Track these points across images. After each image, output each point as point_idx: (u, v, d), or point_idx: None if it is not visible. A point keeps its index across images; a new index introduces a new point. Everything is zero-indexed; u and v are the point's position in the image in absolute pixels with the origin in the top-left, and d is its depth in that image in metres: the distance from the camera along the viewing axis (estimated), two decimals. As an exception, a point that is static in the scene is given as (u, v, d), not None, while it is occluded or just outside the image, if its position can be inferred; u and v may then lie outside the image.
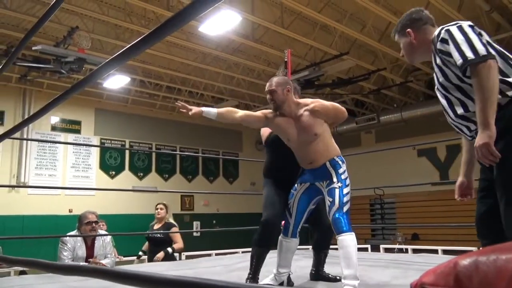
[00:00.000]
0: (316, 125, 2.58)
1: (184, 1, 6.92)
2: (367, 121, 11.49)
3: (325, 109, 2.57)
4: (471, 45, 1.63)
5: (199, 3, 0.60)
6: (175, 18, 0.63)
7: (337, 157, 2.64)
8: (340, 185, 2.52)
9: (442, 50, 1.74)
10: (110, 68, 0.80)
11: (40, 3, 7.13)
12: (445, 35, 1.73)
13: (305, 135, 2.59)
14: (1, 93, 9.43)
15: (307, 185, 2.67)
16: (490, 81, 1.57)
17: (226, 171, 13.66)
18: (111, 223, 6.98)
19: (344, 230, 2.42)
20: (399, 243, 9.81)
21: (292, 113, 2.60)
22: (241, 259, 4.14)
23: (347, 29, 7.42)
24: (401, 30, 1.99)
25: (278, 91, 2.57)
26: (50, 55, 7.65)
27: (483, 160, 1.60)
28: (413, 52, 1.98)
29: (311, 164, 2.62)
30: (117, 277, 0.60)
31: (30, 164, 9.80)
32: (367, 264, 3.49)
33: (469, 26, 1.71)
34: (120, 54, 0.74)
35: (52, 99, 1.04)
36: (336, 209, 2.46)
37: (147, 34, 0.68)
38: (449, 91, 1.78)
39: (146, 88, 10.82)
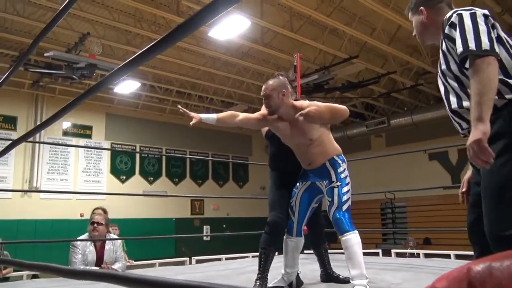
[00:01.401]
0: (311, 130, 2.55)
1: (193, 7, 6.97)
2: (377, 124, 11.43)
3: (320, 113, 2.48)
4: (477, 35, 1.52)
5: (209, 10, 0.60)
6: (185, 24, 0.64)
7: (337, 156, 2.61)
8: (338, 184, 2.50)
9: (448, 36, 1.64)
10: (121, 74, 0.81)
11: (51, 10, 7.22)
12: (455, 19, 1.62)
13: (300, 139, 2.59)
14: (14, 99, 9.57)
15: (308, 184, 2.68)
16: (487, 76, 1.47)
17: (236, 175, 13.67)
18: (122, 227, 7.02)
19: (347, 230, 2.40)
20: (411, 247, 9.70)
21: (288, 117, 2.59)
22: (251, 263, 4.14)
23: (356, 33, 7.41)
24: (414, 7, 1.88)
25: (273, 96, 2.54)
26: (62, 61, 7.75)
27: (475, 160, 1.46)
28: (424, 32, 1.87)
29: (310, 165, 2.63)
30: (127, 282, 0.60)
31: (42, 169, 9.92)
32: (378, 268, 3.46)
33: (483, 15, 1.58)
34: (131, 60, 0.75)
35: (64, 104, 1.06)
36: (336, 209, 2.45)
37: (158, 40, 0.69)
38: (447, 80, 1.70)
39: (156, 93, 10.90)
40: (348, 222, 2.42)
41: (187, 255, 6.94)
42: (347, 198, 2.49)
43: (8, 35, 7.67)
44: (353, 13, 7.46)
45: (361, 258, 2.37)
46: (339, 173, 2.54)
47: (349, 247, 2.37)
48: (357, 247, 2.37)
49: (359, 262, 2.35)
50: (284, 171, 2.88)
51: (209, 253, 7.43)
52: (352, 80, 9.59)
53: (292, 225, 2.70)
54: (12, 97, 9.46)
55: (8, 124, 9.70)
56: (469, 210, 1.75)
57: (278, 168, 2.94)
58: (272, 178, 2.94)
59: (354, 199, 2.58)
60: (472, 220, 1.71)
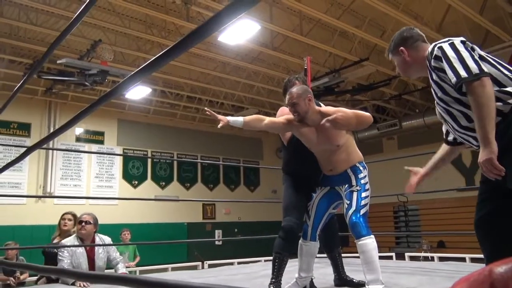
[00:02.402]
0: (338, 136, 2.55)
1: (203, 12, 7.02)
2: (388, 127, 11.35)
3: (347, 119, 2.48)
4: (464, 63, 1.66)
5: (222, 15, 0.61)
6: (198, 31, 0.64)
7: (358, 163, 2.62)
8: (358, 188, 2.51)
9: (436, 67, 1.78)
10: (135, 80, 0.81)
11: (64, 18, 7.33)
12: (438, 53, 1.77)
13: (327, 145, 2.58)
14: (27, 106, 9.71)
15: (327, 189, 2.68)
16: (485, 98, 1.59)
17: (247, 179, 13.68)
18: (134, 232, 7.07)
19: (363, 234, 2.39)
20: (425, 251, 9.59)
21: (314, 123, 2.57)
22: (263, 267, 4.13)
23: (366, 35, 7.38)
24: (394, 49, 2.03)
25: (300, 103, 2.53)
26: (74, 68, 7.85)
27: (489, 174, 1.62)
28: (408, 69, 2.03)
29: (331, 171, 2.63)
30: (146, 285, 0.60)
31: (56, 175, 10.03)
32: (392, 272, 3.42)
33: (461, 42, 1.75)
34: (145, 67, 0.76)
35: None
36: (353, 212, 2.44)
37: (172, 46, 0.69)
38: (449, 105, 1.80)
39: (167, 98, 10.98)
40: (364, 226, 2.41)
41: (200, 260, 6.94)
42: (365, 203, 2.49)
43: (22, 43, 7.80)
44: (363, 15, 7.44)
45: (377, 263, 2.36)
46: (360, 179, 2.55)
47: (366, 252, 2.36)
48: (374, 252, 2.36)
49: (375, 267, 2.34)
50: (300, 175, 2.86)
51: (221, 257, 7.43)
52: (363, 83, 9.54)
53: (307, 229, 2.69)
54: (26, 104, 9.60)
55: (22, 131, 9.84)
56: (477, 207, 1.80)
57: (293, 172, 2.91)
58: (287, 182, 2.91)
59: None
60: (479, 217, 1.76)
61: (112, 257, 3.79)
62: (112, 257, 3.80)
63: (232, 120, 2.53)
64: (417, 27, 7.28)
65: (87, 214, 3.83)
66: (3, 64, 8.63)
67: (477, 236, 1.78)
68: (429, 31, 7.00)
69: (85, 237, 3.73)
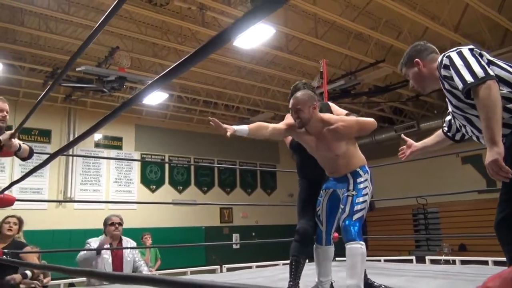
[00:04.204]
0: (338, 146, 2.53)
1: (218, 17, 7.07)
2: (406, 128, 11.22)
3: (348, 129, 2.47)
4: (470, 68, 1.70)
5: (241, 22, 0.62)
6: (218, 37, 0.66)
7: (359, 168, 2.57)
8: (354, 193, 2.47)
9: (446, 76, 1.82)
10: (156, 86, 0.83)
11: (82, 26, 7.48)
12: (446, 61, 1.81)
13: (326, 153, 2.57)
14: (48, 113, 9.90)
15: (330, 191, 2.66)
16: (491, 100, 1.62)
17: (264, 182, 13.67)
18: (153, 236, 7.13)
19: (351, 239, 2.35)
20: (446, 254, 9.43)
21: (315, 130, 2.56)
22: (282, 270, 4.12)
23: (382, 37, 7.33)
24: (408, 61, 2.06)
25: (304, 110, 2.51)
26: (93, 75, 8.00)
27: (495, 176, 1.64)
28: (423, 81, 2.04)
29: (333, 174, 2.62)
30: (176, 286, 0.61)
31: (76, 180, 10.21)
32: (413, 275, 3.38)
33: (469, 50, 1.78)
34: (167, 73, 0.77)
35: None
36: (346, 217, 2.41)
37: (192, 53, 0.71)
38: (465, 111, 1.84)
39: (183, 103, 11.07)
40: (356, 232, 2.37)
41: (218, 263, 6.97)
42: (361, 208, 2.43)
43: (42, 51, 7.98)
44: (379, 17, 7.39)
45: (360, 270, 2.33)
46: (358, 183, 2.50)
47: (352, 256, 2.32)
48: (360, 258, 2.32)
49: (358, 273, 2.31)
50: (313, 179, 2.87)
51: (239, 261, 7.43)
52: (379, 85, 9.47)
53: (321, 234, 2.68)
54: (46, 111, 9.79)
55: (43, 137, 10.05)
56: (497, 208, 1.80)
57: (307, 176, 2.95)
58: (301, 186, 2.95)
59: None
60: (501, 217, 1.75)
61: (135, 260, 3.85)
62: (135, 260, 3.86)
63: (237, 129, 2.53)
64: (434, 27, 7.17)
65: (115, 216, 3.89)
66: (24, 73, 8.84)
67: (498, 238, 1.77)
68: (446, 31, 6.92)
69: (116, 238, 3.78)
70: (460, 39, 7.04)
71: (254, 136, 2.59)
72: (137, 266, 3.86)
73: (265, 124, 2.67)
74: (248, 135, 2.56)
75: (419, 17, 6.55)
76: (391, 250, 10.83)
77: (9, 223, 3.64)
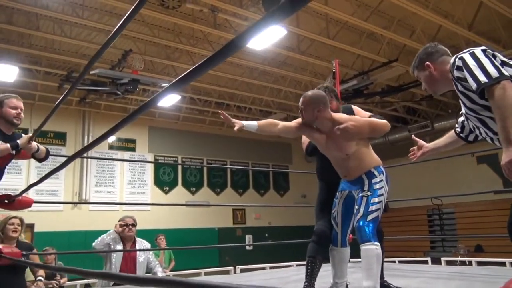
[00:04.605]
0: (348, 146, 2.49)
1: (230, 19, 7.10)
2: (420, 128, 11.10)
3: (359, 128, 2.45)
4: (483, 69, 1.69)
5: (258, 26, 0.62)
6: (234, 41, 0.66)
7: (374, 168, 2.52)
8: (369, 194, 2.43)
9: (459, 77, 1.81)
10: (173, 89, 0.84)
11: (96, 30, 7.58)
12: (459, 63, 1.80)
13: (337, 153, 2.54)
14: (63, 116, 10.04)
15: (346, 193, 2.63)
16: (506, 100, 1.62)
17: (276, 184, 13.66)
18: (166, 237, 7.17)
19: (366, 240, 2.31)
20: (462, 255, 9.30)
21: (325, 129, 2.54)
22: (296, 272, 4.12)
23: (395, 36, 7.28)
24: (419, 64, 2.05)
25: (307, 111, 2.50)
26: (107, 77, 8.10)
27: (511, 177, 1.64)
28: (435, 84, 2.02)
29: (346, 177, 2.59)
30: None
31: (91, 182, 10.33)
32: (429, 276, 3.35)
33: (482, 50, 1.77)
34: (183, 77, 0.78)
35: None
36: (360, 217, 2.37)
37: (209, 57, 0.72)
38: (479, 113, 1.83)
39: (196, 105, 11.13)
40: (371, 233, 2.33)
41: (231, 264, 6.98)
42: (376, 209, 2.39)
43: (57, 55, 8.09)
44: (391, 16, 7.34)
45: (376, 271, 2.29)
46: (373, 184, 2.46)
47: (367, 257, 2.29)
48: (375, 259, 2.28)
49: (374, 274, 2.28)
50: (331, 181, 2.86)
51: (252, 262, 7.43)
52: (392, 84, 9.39)
53: (336, 236, 2.65)
54: (62, 114, 9.93)
55: (58, 140, 10.19)
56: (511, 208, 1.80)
57: (325, 178, 2.95)
58: (319, 188, 2.96)
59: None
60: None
61: (149, 261, 3.87)
62: (150, 260, 3.88)
63: (246, 124, 2.54)
64: (448, 25, 7.06)
65: (129, 217, 3.92)
66: (40, 76, 8.98)
67: (511, 239, 1.77)
68: (460, 30, 6.84)
69: (129, 239, 3.81)
70: (474, 37, 6.95)
71: (263, 132, 2.59)
72: (152, 267, 3.88)
73: (275, 121, 2.66)
74: (257, 131, 2.56)
75: (432, 15, 6.49)
76: (406, 251, 10.71)
77: (13, 224, 3.52)
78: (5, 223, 3.45)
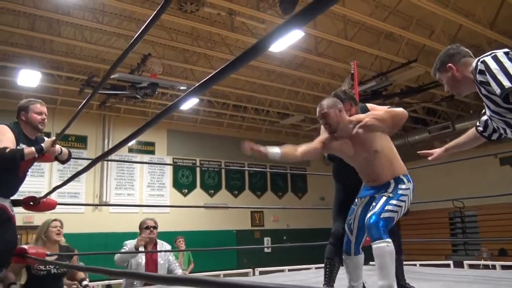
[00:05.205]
0: (374, 140, 2.44)
1: (247, 22, 7.13)
2: (441, 129, 10.92)
3: (380, 120, 2.41)
4: (507, 73, 1.66)
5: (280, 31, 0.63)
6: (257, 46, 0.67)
7: (403, 175, 2.46)
8: (390, 195, 2.35)
9: (482, 81, 1.78)
10: (194, 94, 0.85)
11: (115, 35, 7.71)
12: (481, 67, 1.77)
13: (364, 153, 2.47)
14: (84, 120, 10.23)
15: (367, 200, 2.54)
16: None
17: (294, 186, 13.62)
18: (185, 239, 7.22)
19: (377, 237, 2.23)
20: (485, 259, 9.11)
21: (347, 133, 2.50)
22: (315, 274, 4.10)
23: (414, 36, 7.19)
24: (441, 66, 2.02)
25: (331, 114, 2.47)
26: (126, 81, 8.22)
27: None
28: (457, 85, 2.00)
29: (374, 181, 2.49)
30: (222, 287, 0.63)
31: (111, 185, 10.49)
32: (451, 280, 3.29)
33: (504, 53, 1.74)
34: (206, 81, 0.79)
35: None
36: (373, 213, 2.29)
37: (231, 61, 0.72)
38: (504, 116, 1.82)
39: (213, 107, 11.20)
40: (382, 230, 2.25)
41: (250, 267, 6.99)
42: (392, 210, 2.31)
43: (78, 60, 8.26)
44: (410, 16, 7.25)
45: (391, 270, 2.23)
46: (398, 189, 2.39)
47: (380, 257, 2.22)
48: (389, 257, 2.22)
49: (389, 273, 2.21)
50: (349, 184, 2.85)
51: (270, 264, 7.42)
52: (412, 85, 9.28)
53: (349, 244, 2.56)
54: (82, 118, 10.12)
55: (79, 143, 10.38)
56: None
57: (342, 180, 2.94)
58: (336, 190, 2.95)
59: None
60: None
61: (170, 262, 3.91)
62: (170, 262, 3.92)
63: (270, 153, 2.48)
64: (468, 25, 6.95)
65: (150, 219, 3.96)
66: (61, 81, 9.18)
67: None
68: (482, 29, 6.71)
69: (150, 242, 3.85)
70: (496, 36, 6.82)
71: (285, 159, 2.54)
72: (172, 269, 3.92)
73: (295, 147, 2.61)
74: (280, 159, 2.52)
75: (452, 14, 6.39)
76: (427, 254, 10.54)
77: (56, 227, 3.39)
78: (48, 226, 3.35)
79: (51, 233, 3.30)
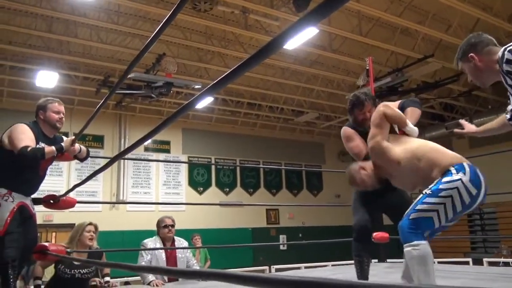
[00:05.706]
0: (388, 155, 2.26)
1: (261, 19, 7.12)
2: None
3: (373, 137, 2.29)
4: None
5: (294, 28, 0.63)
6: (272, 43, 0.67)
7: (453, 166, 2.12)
8: (428, 191, 2.09)
9: (509, 71, 1.73)
10: (209, 93, 0.86)
11: (130, 35, 7.78)
12: (509, 56, 1.71)
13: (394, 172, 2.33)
14: (100, 119, 10.35)
15: None
16: None
17: (309, 183, 13.58)
18: (203, 237, 7.27)
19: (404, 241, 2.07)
20: (505, 256, 8.95)
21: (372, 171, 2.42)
22: (332, 271, 4.08)
23: (430, 31, 7.09)
24: (463, 56, 1.96)
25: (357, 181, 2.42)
26: (142, 81, 8.30)
27: None
28: (480, 75, 1.95)
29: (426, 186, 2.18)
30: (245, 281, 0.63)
31: (128, 183, 10.61)
32: (471, 278, 3.24)
33: None
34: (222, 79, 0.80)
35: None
36: (405, 214, 2.12)
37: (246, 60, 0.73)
38: None
39: (228, 106, 11.23)
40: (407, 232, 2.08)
41: (266, 264, 7.01)
42: (425, 209, 2.06)
43: (94, 61, 8.37)
44: (426, 10, 7.15)
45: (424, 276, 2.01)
46: (440, 183, 2.08)
47: (408, 261, 2.09)
48: (415, 262, 2.03)
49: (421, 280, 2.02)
50: None
51: (286, 262, 7.43)
52: (428, 80, 9.15)
53: None
54: (99, 118, 10.25)
55: (96, 143, 10.52)
56: None
57: None
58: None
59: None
60: None
61: (188, 259, 3.96)
62: (189, 258, 3.97)
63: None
64: (486, 18, 6.83)
65: (167, 217, 4.00)
66: (78, 81, 9.31)
67: None
68: (500, 22, 6.58)
69: (169, 240, 3.90)
70: (515, 30, 6.69)
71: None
72: (190, 265, 3.97)
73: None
74: None
75: (470, 8, 6.28)
76: (445, 252, 10.40)
77: (90, 232, 3.42)
78: (83, 230, 3.37)
79: (84, 238, 3.36)
